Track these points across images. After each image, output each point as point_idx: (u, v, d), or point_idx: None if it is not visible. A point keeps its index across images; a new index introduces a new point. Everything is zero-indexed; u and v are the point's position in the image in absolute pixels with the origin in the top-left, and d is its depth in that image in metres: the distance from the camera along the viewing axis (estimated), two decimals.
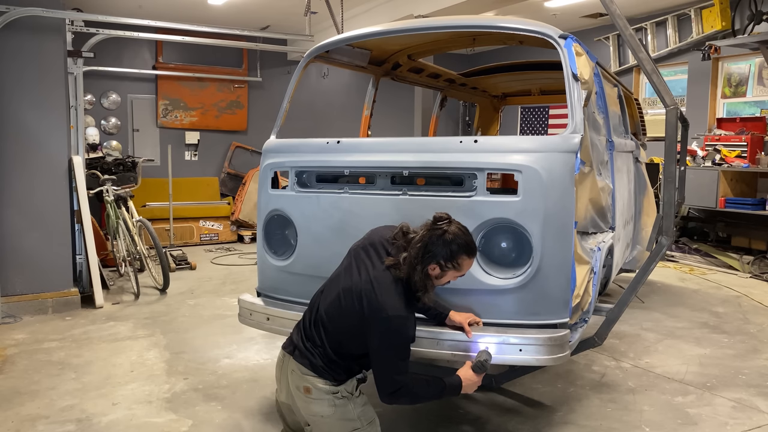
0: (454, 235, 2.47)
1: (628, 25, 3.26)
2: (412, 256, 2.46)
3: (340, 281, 2.58)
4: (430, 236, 2.47)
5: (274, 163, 3.56)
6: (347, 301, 2.48)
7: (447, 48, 4.86)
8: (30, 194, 5.62)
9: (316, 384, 2.49)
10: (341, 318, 2.50)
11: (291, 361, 2.57)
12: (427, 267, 2.47)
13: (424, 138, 4.75)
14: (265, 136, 3.84)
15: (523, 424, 3.47)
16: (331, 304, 2.55)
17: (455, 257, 2.48)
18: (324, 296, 2.63)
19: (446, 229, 2.48)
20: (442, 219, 2.52)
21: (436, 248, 2.45)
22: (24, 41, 5.53)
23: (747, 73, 8.40)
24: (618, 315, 3.35)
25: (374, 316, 2.39)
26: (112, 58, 9.37)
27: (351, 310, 2.46)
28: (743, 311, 5.75)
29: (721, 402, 3.76)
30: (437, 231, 2.48)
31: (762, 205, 7.36)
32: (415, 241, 2.48)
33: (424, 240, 2.47)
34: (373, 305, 2.40)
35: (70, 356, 4.53)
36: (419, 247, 2.46)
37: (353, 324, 2.46)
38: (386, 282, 2.46)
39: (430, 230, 2.49)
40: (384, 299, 2.41)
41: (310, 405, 2.51)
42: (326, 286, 2.69)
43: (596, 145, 3.40)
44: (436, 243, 2.45)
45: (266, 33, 8.52)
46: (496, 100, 7.22)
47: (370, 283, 2.45)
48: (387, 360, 2.43)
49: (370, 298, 2.42)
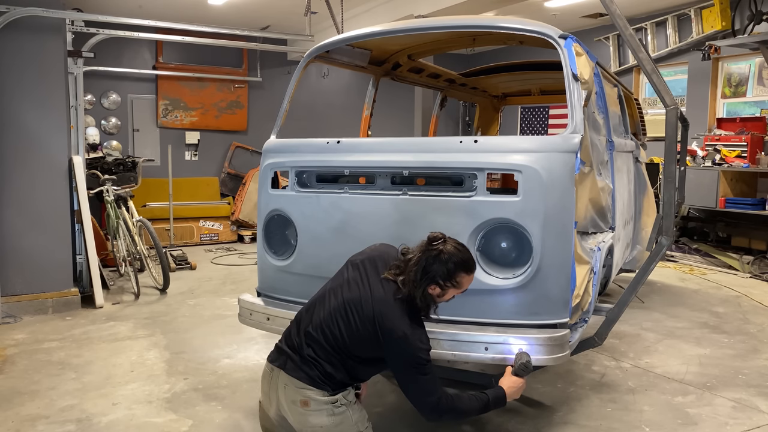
0: (450, 254, 2.47)
1: (628, 25, 3.26)
2: (411, 279, 2.47)
3: (344, 294, 2.54)
4: (426, 258, 2.47)
5: (274, 163, 3.56)
6: (357, 317, 2.47)
7: (447, 48, 4.86)
8: (30, 194, 5.62)
9: (314, 396, 2.46)
10: (351, 333, 2.47)
11: (282, 375, 2.52)
12: (427, 288, 2.48)
13: (424, 138, 4.76)
14: (265, 136, 3.84)
15: (523, 424, 3.47)
16: (335, 317, 2.50)
17: (453, 276, 2.49)
18: (319, 308, 2.58)
19: (442, 249, 2.48)
20: (437, 239, 2.52)
21: (433, 269, 2.46)
22: (24, 41, 5.53)
23: (747, 73, 8.40)
24: (618, 315, 3.35)
25: (389, 336, 2.40)
26: (112, 58, 9.37)
27: (362, 326, 2.46)
28: (743, 311, 5.75)
29: (721, 402, 3.76)
30: (433, 252, 2.48)
31: (762, 205, 7.36)
32: (411, 264, 2.49)
33: (420, 262, 2.47)
34: (386, 326, 2.41)
35: (70, 356, 4.53)
36: (416, 270, 2.46)
37: (363, 340, 2.47)
38: (395, 300, 2.47)
39: (425, 252, 2.49)
40: (396, 319, 2.42)
41: (308, 418, 2.47)
42: (320, 298, 2.63)
43: (596, 145, 3.40)
44: (433, 264, 2.46)
45: (266, 33, 8.52)
46: (496, 100, 7.22)
47: (381, 303, 2.46)
48: (409, 379, 2.45)
49: (383, 318, 2.42)
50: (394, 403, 3.77)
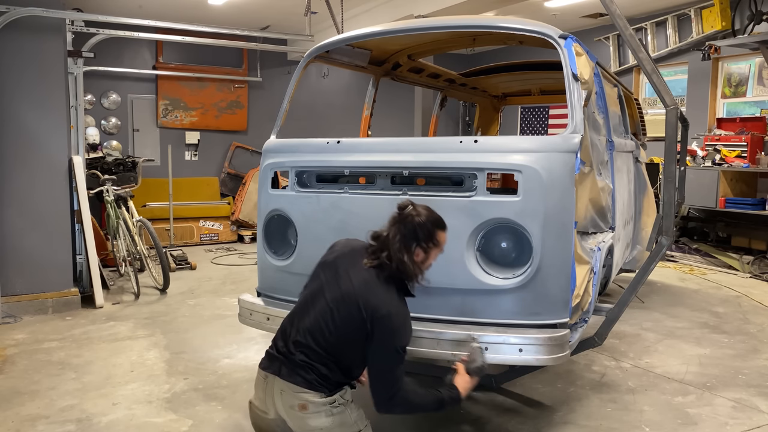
0: (425, 216, 2.57)
1: (628, 25, 3.26)
2: (396, 249, 2.52)
3: (326, 294, 2.54)
4: (405, 225, 2.55)
5: (274, 163, 3.56)
6: (343, 310, 2.47)
7: (447, 48, 4.86)
8: (30, 194, 5.62)
9: (312, 399, 2.45)
10: (338, 329, 2.47)
11: (278, 381, 2.50)
12: (412, 254, 2.54)
13: (424, 138, 4.76)
14: (265, 136, 3.84)
15: (523, 424, 3.47)
16: (321, 318, 2.50)
17: (433, 235, 2.58)
18: (303, 315, 2.56)
19: (414, 213, 2.56)
20: (405, 206, 2.60)
21: (414, 233, 2.54)
22: (24, 41, 5.53)
23: (747, 73, 8.40)
24: (618, 315, 3.35)
25: (375, 316, 2.42)
26: (112, 58, 9.37)
27: (348, 317, 2.46)
28: (743, 311, 5.75)
29: (721, 402, 3.76)
30: (408, 218, 2.56)
31: (762, 205, 7.36)
32: (392, 236, 2.55)
33: (401, 231, 2.54)
34: (371, 304, 2.43)
35: (70, 356, 4.53)
36: (399, 239, 2.53)
37: (351, 331, 2.46)
38: (379, 281, 2.51)
39: (400, 221, 2.57)
40: (382, 298, 2.46)
41: (307, 421, 2.46)
42: (303, 305, 2.62)
43: (596, 145, 3.40)
44: (412, 228, 2.54)
45: (266, 33, 8.53)
46: (496, 100, 7.22)
47: (363, 286, 2.49)
48: (384, 362, 2.46)
49: (367, 299, 2.45)
50: None
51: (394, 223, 2.58)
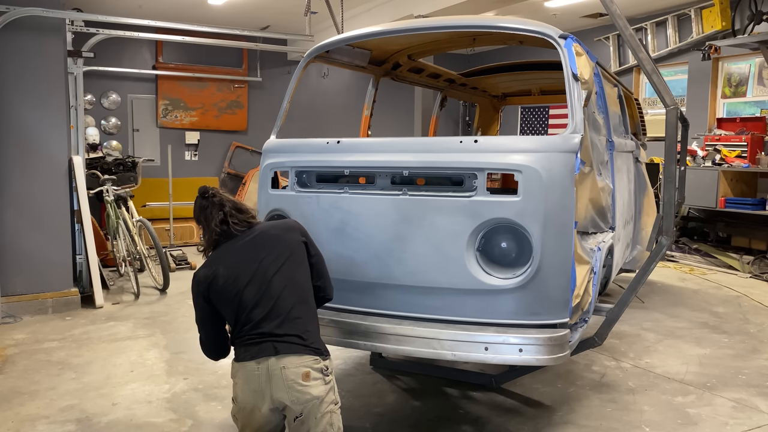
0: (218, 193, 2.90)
1: (628, 25, 3.26)
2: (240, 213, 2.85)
3: (270, 264, 2.67)
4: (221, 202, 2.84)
5: (274, 163, 3.56)
6: (297, 250, 2.77)
7: (447, 48, 4.85)
8: (30, 194, 5.62)
9: (312, 365, 2.53)
10: (302, 264, 2.76)
11: (276, 361, 2.51)
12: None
13: (424, 138, 4.75)
14: (265, 136, 3.84)
15: (523, 424, 3.47)
16: (290, 274, 2.70)
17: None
18: (267, 292, 2.62)
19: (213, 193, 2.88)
20: (208, 191, 2.88)
21: (221, 204, 2.83)
22: (24, 41, 5.53)
23: (747, 73, 8.40)
24: (618, 315, 3.35)
25: (301, 229, 2.85)
26: (112, 58, 9.37)
27: (299, 251, 2.77)
28: (743, 311, 5.75)
29: (721, 402, 3.76)
30: (216, 197, 2.83)
31: (762, 205, 7.36)
32: (228, 210, 2.79)
33: (227, 203, 2.82)
34: (292, 225, 2.88)
35: (70, 356, 4.53)
36: (231, 205, 2.82)
37: (305, 258, 2.79)
38: (268, 223, 2.96)
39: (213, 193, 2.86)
40: (286, 221, 3.03)
41: (309, 390, 2.50)
42: (258, 291, 2.63)
43: (596, 145, 3.40)
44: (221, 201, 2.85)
45: (266, 33, 8.52)
46: (496, 100, 7.21)
47: (276, 229, 2.84)
48: (322, 256, 2.92)
49: (290, 226, 2.86)
50: (394, 403, 3.77)
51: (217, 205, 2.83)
